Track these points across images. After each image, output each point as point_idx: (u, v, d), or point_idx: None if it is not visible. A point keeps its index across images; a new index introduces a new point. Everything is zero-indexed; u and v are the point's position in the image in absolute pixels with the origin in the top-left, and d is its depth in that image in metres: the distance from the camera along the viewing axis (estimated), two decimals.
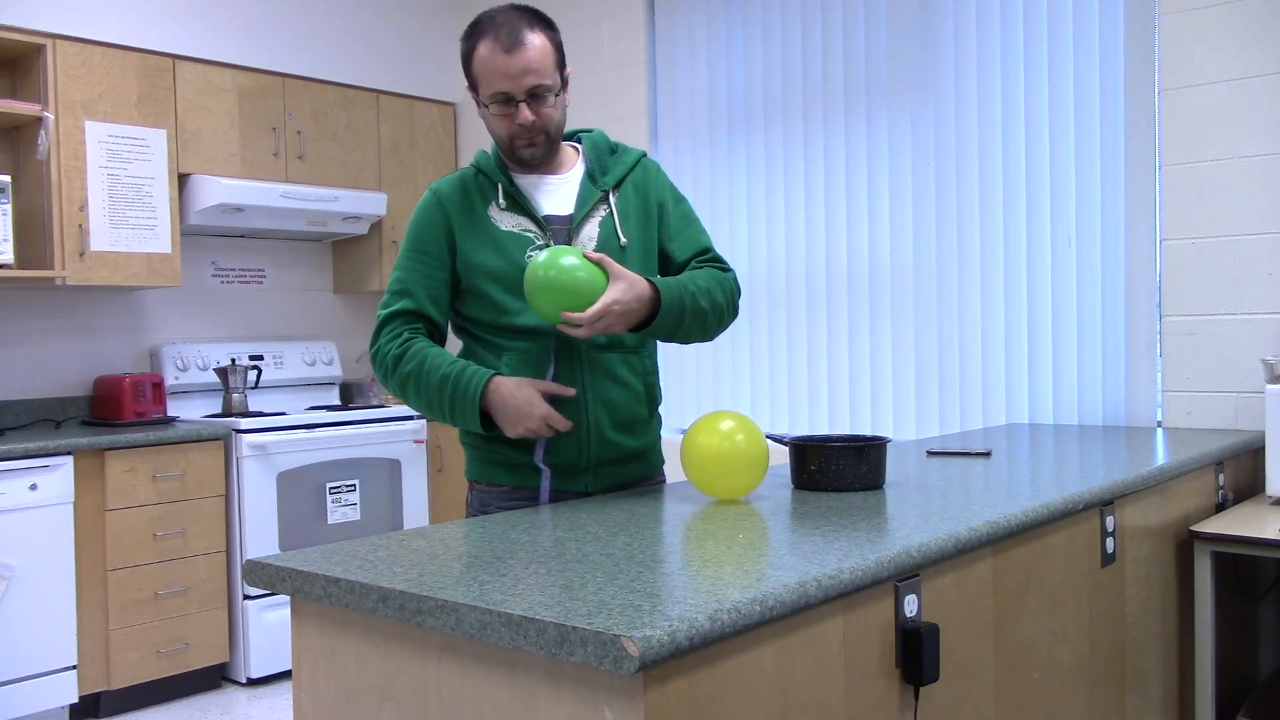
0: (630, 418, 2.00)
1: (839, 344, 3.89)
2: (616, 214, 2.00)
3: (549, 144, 1.96)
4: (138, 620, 3.66)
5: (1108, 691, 2.07)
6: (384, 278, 4.81)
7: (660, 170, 2.12)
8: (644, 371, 2.03)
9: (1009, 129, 3.47)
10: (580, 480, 1.99)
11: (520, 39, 1.85)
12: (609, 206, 2.01)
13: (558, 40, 1.93)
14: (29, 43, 3.74)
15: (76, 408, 4.14)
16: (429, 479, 4.52)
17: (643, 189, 2.05)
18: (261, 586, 1.44)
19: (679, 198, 2.11)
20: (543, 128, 1.91)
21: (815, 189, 3.95)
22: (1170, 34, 3.08)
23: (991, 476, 2.11)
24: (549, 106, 1.91)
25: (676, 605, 1.13)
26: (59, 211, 3.77)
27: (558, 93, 1.92)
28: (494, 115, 1.92)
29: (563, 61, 1.94)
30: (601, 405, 1.96)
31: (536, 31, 1.88)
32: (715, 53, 4.23)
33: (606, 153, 2.06)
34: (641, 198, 2.05)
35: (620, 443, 1.99)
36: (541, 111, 1.90)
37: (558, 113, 1.94)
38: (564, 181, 2.02)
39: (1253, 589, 2.81)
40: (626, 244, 1.98)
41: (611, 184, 2.02)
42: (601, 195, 2.01)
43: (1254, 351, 2.95)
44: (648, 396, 2.04)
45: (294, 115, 4.47)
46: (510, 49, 1.85)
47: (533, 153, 1.95)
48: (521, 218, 1.97)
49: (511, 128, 1.91)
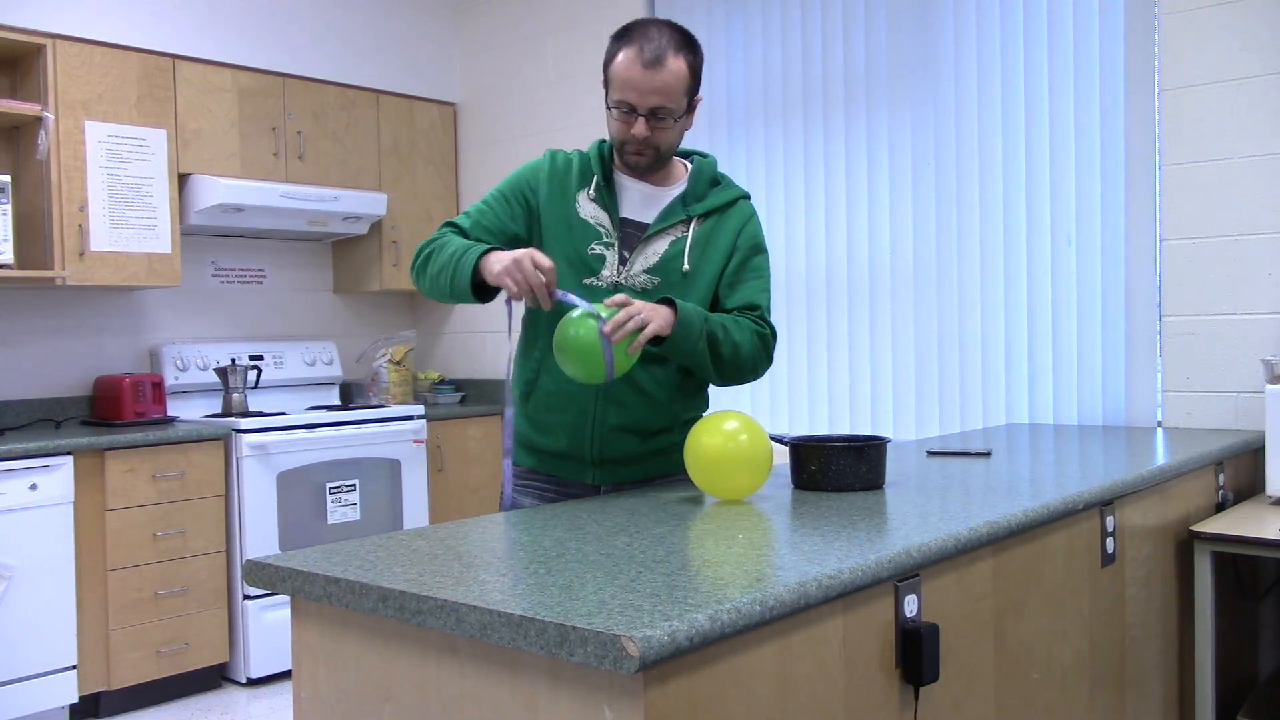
0: (643, 426, 2.01)
1: (839, 344, 3.89)
2: (691, 239, 2.00)
3: (656, 159, 2.00)
4: (138, 620, 3.66)
5: (1108, 691, 2.07)
6: (384, 278, 4.81)
7: (755, 219, 2.10)
8: (670, 386, 2.01)
9: (1009, 128, 3.47)
10: (587, 473, 2.02)
11: (661, 59, 1.88)
12: (687, 231, 2.01)
13: (697, 67, 1.96)
14: (29, 43, 3.74)
15: (76, 408, 4.14)
16: (429, 479, 4.52)
17: (729, 228, 2.04)
18: (261, 586, 1.44)
19: (759, 249, 2.07)
20: (654, 144, 1.96)
21: (815, 188, 3.95)
22: (1170, 34, 3.08)
23: (991, 476, 2.11)
24: (666, 129, 1.95)
25: (676, 605, 1.13)
26: (59, 211, 3.77)
27: (679, 118, 1.96)
28: (614, 118, 1.97)
29: (695, 88, 1.97)
30: (612, 404, 1.98)
31: (680, 56, 1.91)
32: (714, 52, 4.23)
33: (709, 182, 2.08)
34: (723, 235, 2.03)
35: (630, 445, 2.01)
36: (657, 131, 1.94)
37: (673, 135, 1.98)
38: (659, 193, 2.05)
39: (1253, 589, 2.81)
40: (689, 271, 1.99)
41: (700, 211, 2.03)
42: (685, 219, 2.02)
43: (1254, 351, 2.95)
44: (670, 410, 2.02)
45: (294, 115, 4.47)
46: (649, 65, 1.88)
47: (638, 161, 1.99)
48: (602, 212, 2.01)
49: (626, 134, 1.96)
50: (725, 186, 2.08)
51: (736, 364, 1.96)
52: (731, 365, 1.95)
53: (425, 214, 4.95)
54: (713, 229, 2.02)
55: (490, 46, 5.00)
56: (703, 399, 2.13)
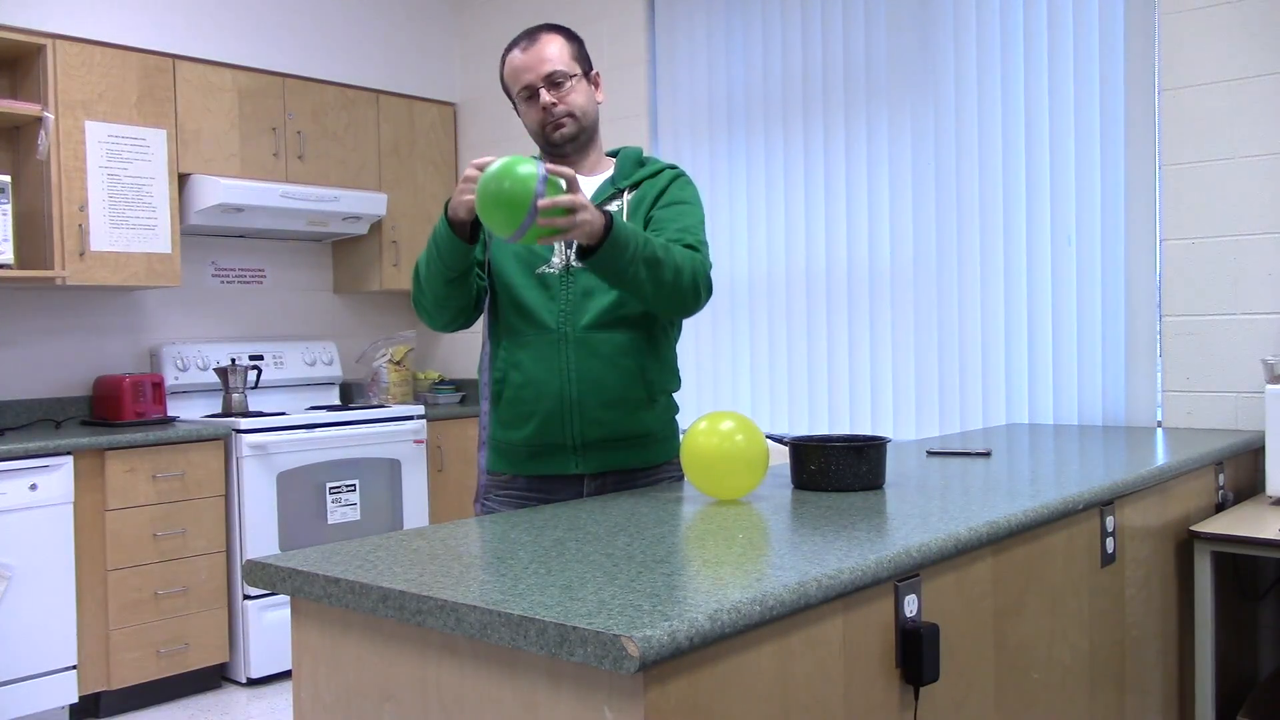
0: (620, 397, 2.01)
1: (839, 344, 3.89)
2: (626, 209, 2.07)
3: (578, 125, 2.07)
4: (138, 620, 3.66)
5: (1108, 691, 2.07)
6: (384, 278, 4.81)
7: (686, 181, 2.13)
8: (637, 352, 2.02)
9: (1009, 129, 3.47)
10: (571, 461, 2.02)
11: (534, 37, 2.08)
12: (621, 203, 2.08)
13: (576, 41, 2.12)
14: (29, 43, 3.74)
15: (76, 408, 4.14)
16: (429, 479, 4.52)
17: (657, 188, 2.10)
18: (261, 586, 1.44)
19: (684, 199, 2.09)
20: (566, 110, 2.05)
21: (815, 188, 3.95)
22: (1170, 34, 3.08)
23: (991, 476, 2.11)
24: (569, 91, 2.05)
25: (676, 605, 1.13)
26: (59, 211, 3.77)
27: (575, 77, 2.05)
28: (524, 111, 2.09)
29: (584, 59, 2.11)
30: (588, 384, 1.99)
31: (552, 33, 2.09)
32: (715, 52, 4.23)
33: (635, 164, 2.15)
34: (651, 194, 2.09)
35: (611, 422, 2.00)
36: (560, 94, 2.04)
37: (581, 98, 2.07)
38: (590, 180, 2.12)
39: (1253, 589, 2.81)
40: None
41: (628, 185, 2.10)
42: (615, 191, 2.09)
43: (1254, 351, 2.95)
44: (643, 379, 2.03)
45: (294, 115, 4.47)
46: (525, 47, 2.07)
47: (562, 133, 2.06)
48: None
49: (539, 115, 2.06)
50: (651, 163, 2.15)
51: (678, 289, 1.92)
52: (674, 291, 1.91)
53: (425, 214, 4.95)
54: (643, 194, 2.09)
55: (490, 46, 5.00)
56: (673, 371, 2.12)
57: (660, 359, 2.09)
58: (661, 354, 2.09)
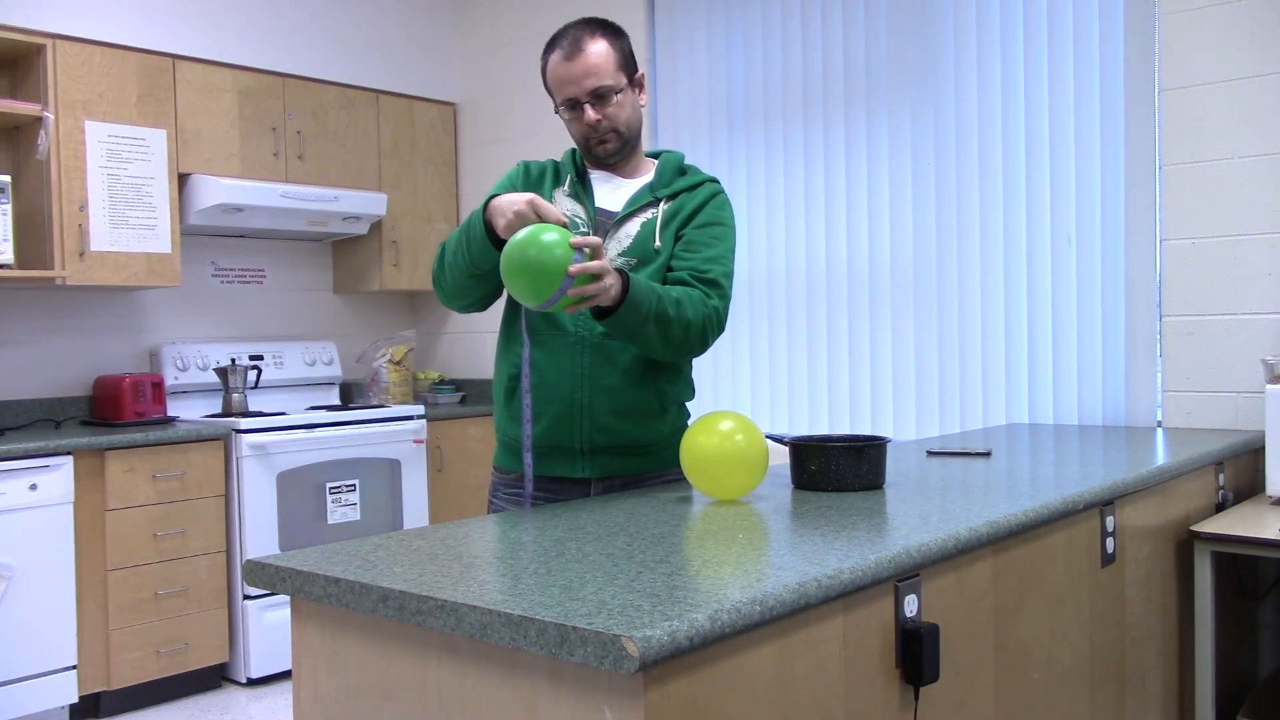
0: (633, 407, 2.01)
1: (839, 344, 3.89)
2: (661, 219, 2.05)
3: (621, 140, 2.05)
4: (138, 620, 3.66)
5: (1108, 691, 2.07)
6: (384, 278, 4.81)
7: (722, 197, 2.12)
8: (654, 364, 2.02)
9: (1009, 129, 3.47)
10: (577, 464, 2.01)
11: (580, 46, 1.99)
12: (657, 212, 2.05)
13: (622, 45, 2.04)
14: (29, 43, 3.74)
15: (76, 408, 4.14)
16: (429, 479, 4.52)
17: (695, 203, 2.07)
18: (261, 586, 1.44)
19: (719, 221, 2.08)
20: (610, 126, 2.02)
21: (815, 189, 3.95)
22: (1170, 34, 3.08)
23: (991, 476, 2.11)
24: (613, 105, 2.01)
25: (676, 605, 1.13)
26: (59, 211, 3.77)
27: (620, 91, 2.01)
28: (568, 120, 2.05)
29: (630, 64, 2.04)
30: (600, 390, 1.98)
31: (597, 38, 2.00)
32: (715, 53, 4.23)
33: (675, 170, 2.13)
34: (688, 209, 2.07)
35: (620, 429, 2.00)
36: (606, 110, 2.01)
37: (625, 111, 2.04)
38: (628, 184, 2.11)
39: (1253, 589, 2.81)
40: (660, 249, 2.02)
41: (666, 194, 2.07)
42: (652, 200, 2.06)
43: (1254, 351, 2.95)
44: (658, 390, 2.04)
45: (294, 115, 4.47)
46: (570, 56, 1.99)
47: (606, 149, 2.05)
48: (577, 205, 2.06)
49: (583, 129, 2.04)
50: (692, 173, 2.14)
51: (686, 343, 1.95)
52: (681, 345, 1.94)
53: (425, 214, 4.95)
54: (680, 206, 2.07)
55: (490, 46, 5.00)
56: (688, 382, 2.14)
57: (677, 370, 2.09)
58: (679, 365, 2.10)
